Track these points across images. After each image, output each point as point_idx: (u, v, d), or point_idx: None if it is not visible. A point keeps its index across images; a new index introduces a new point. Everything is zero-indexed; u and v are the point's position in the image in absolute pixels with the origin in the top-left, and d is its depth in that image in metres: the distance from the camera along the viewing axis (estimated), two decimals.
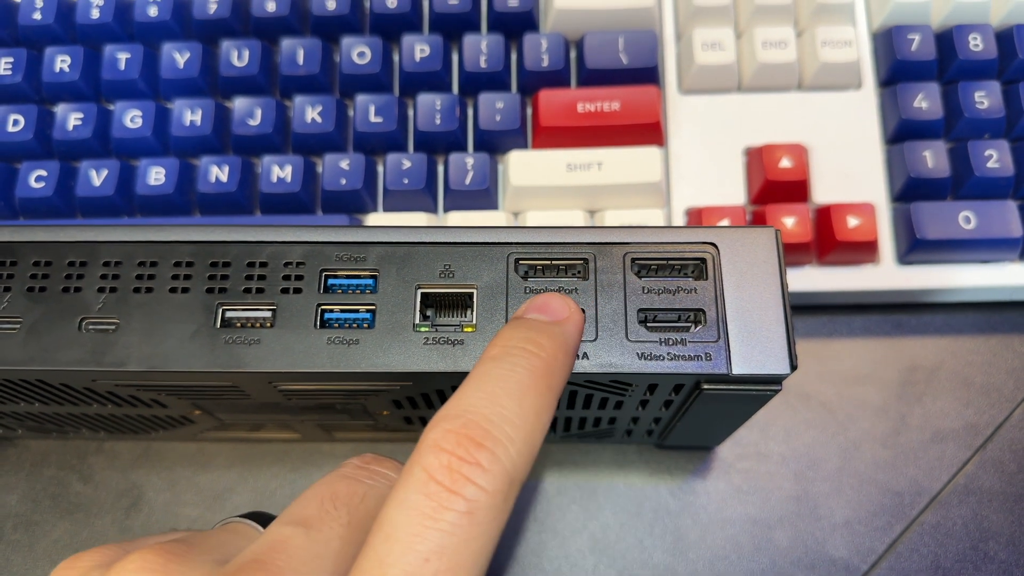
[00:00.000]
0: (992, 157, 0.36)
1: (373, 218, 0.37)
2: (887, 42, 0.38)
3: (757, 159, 0.37)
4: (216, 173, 0.37)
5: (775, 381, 0.23)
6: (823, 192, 0.37)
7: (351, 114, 0.39)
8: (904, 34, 0.38)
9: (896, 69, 0.38)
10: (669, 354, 0.23)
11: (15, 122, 0.38)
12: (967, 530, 0.35)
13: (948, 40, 0.38)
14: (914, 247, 0.36)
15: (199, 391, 0.26)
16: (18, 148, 0.38)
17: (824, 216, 0.36)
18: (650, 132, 0.37)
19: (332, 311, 0.24)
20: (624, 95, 0.37)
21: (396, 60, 0.39)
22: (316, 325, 0.23)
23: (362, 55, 0.38)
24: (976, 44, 0.38)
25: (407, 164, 0.37)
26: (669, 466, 0.37)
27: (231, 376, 0.24)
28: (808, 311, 0.39)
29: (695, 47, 0.38)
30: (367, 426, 0.33)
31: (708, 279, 0.24)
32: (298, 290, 0.24)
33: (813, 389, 0.38)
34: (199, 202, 0.37)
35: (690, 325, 0.23)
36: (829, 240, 0.36)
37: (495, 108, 0.38)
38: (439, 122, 0.38)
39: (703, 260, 0.24)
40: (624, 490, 0.36)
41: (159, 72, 0.39)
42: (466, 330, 0.23)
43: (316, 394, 0.26)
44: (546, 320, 0.21)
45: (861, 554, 0.35)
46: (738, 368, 0.23)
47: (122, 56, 0.39)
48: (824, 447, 0.37)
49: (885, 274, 0.37)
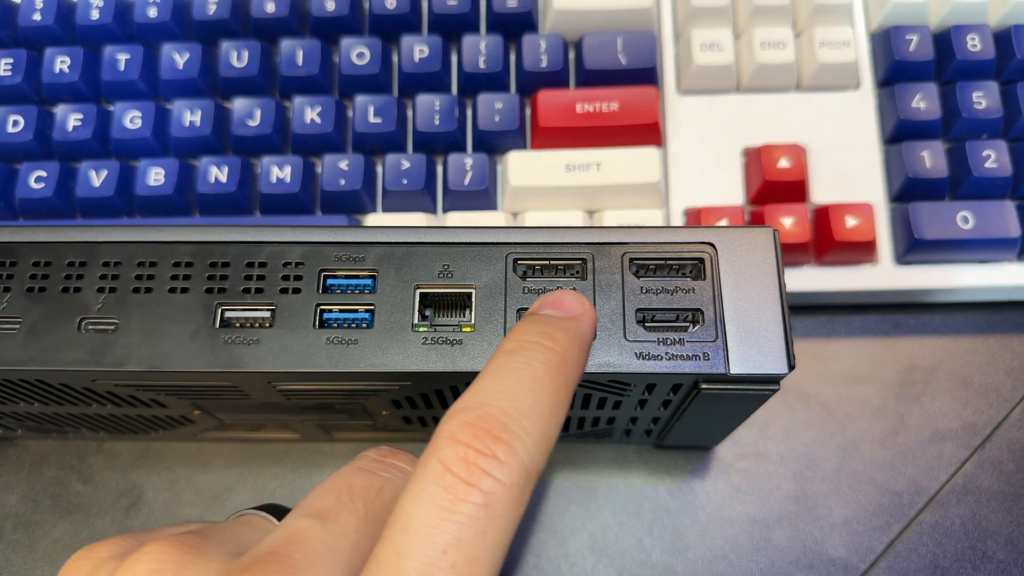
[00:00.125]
0: (990, 157, 0.36)
1: (372, 218, 0.37)
2: (885, 42, 0.38)
3: (755, 159, 0.37)
4: (215, 174, 0.37)
5: (773, 381, 0.23)
6: (821, 192, 0.37)
7: (350, 115, 0.39)
8: (902, 34, 0.38)
9: (894, 69, 0.38)
10: (667, 354, 0.23)
11: (15, 123, 0.38)
12: (965, 530, 0.35)
13: (946, 40, 0.38)
14: (912, 247, 0.36)
15: (198, 391, 0.26)
16: (18, 149, 0.38)
17: (822, 216, 0.36)
18: (649, 132, 0.38)
19: (331, 311, 0.24)
20: (623, 96, 0.38)
21: (395, 61, 0.39)
22: (315, 325, 0.24)
23: (361, 56, 0.38)
24: (974, 44, 0.38)
25: (406, 164, 0.37)
26: (668, 466, 0.37)
27: (230, 376, 0.24)
28: (807, 311, 0.39)
29: (693, 48, 0.38)
30: (366, 426, 0.33)
31: (706, 279, 0.24)
32: (297, 290, 0.24)
33: (812, 389, 0.38)
34: (199, 203, 0.37)
35: (688, 325, 0.23)
36: (827, 240, 0.36)
37: (494, 109, 0.38)
38: (438, 123, 0.38)
39: (701, 260, 0.24)
40: (623, 490, 0.36)
41: (159, 73, 0.39)
42: (465, 330, 0.23)
43: (315, 394, 0.26)
44: (560, 316, 0.21)
45: (860, 554, 0.35)
46: (736, 368, 0.23)
47: (122, 57, 0.39)
48: (823, 447, 0.37)
49: (883, 274, 0.37)
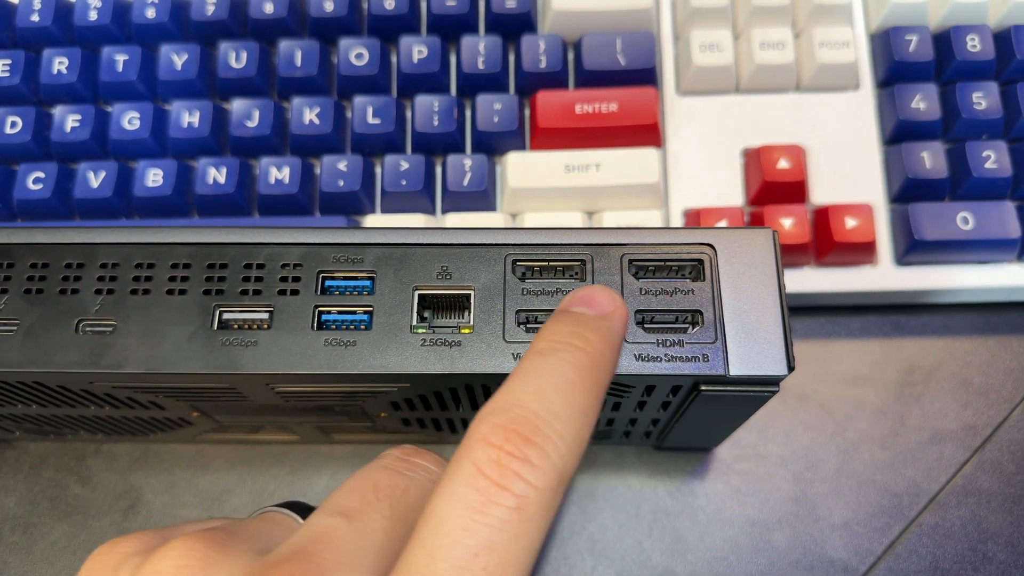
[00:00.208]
0: (990, 158, 0.36)
1: (371, 219, 0.37)
2: (885, 43, 0.38)
3: (755, 160, 0.37)
4: (214, 175, 0.37)
5: (772, 382, 0.23)
6: (821, 193, 0.37)
7: (349, 115, 0.39)
8: (902, 35, 0.38)
9: (894, 70, 0.38)
10: (667, 355, 0.23)
11: (13, 124, 0.38)
12: (966, 531, 0.35)
13: (946, 41, 0.38)
14: (912, 248, 0.36)
15: (196, 393, 0.26)
16: (16, 150, 0.38)
17: (822, 217, 0.36)
18: (648, 133, 0.37)
19: (329, 313, 0.24)
20: (622, 96, 0.37)
21: (394, 61, 0.39)
22: (313, 327, 0.23)
23: (360, 56, 0.38)
24: (974, 45, 0.38)
25: (405, 165, 0.37)
26: (667, 467, 0.37)
27: (228, 378, 0.24)
28: (806, 312, 0.39)
29: (693, 48, 0.38)
30: (365, 428, 0.33)
31: (705, 280, 0.24)
32: (295, 292, 0.24)
33: (811, 390, 0.38)
34: (197, 204, 0.37)
35: (687, 326, 0.23)
36: (827, 241, 0.36)
37: (493, 109, 0.38)
38: (437, 123, 0.38)
39: (700, 261, 0.24)
40: (623, 491, 0.36)
41: (157, 74, 0.39)
42: (463, 331, 0.23)
43: (314, 396, 0.26)
44: (592, 314, 0.21)
45: (860, 555, 0.35)
46: (735, 369, 0.23)
47: (120, 58, 0.39)
48: (823, 448, 0.37)
49: (883, 275, 0.37)
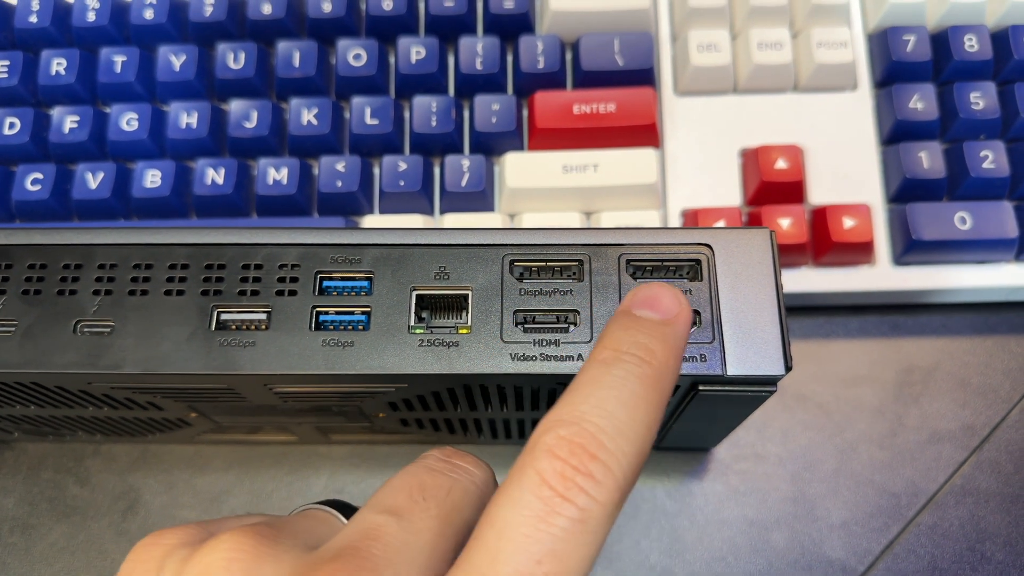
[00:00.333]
0: (988, 158, 0.36)
1: (369, 220, 0.37)
2: (882, 43, 0.38)
3: (753, 160, 0.37)
4: (212, 176, 0.37)
5: (770, 382, 0.23)
6: (819, 193, 0.37)
7: (347, 116, 0.39)
8: (899, 35, 0.38)
9: (892, 70, 0.38)
10: None
11: (11, 125, 0.38)
12: (964, 531, 0.35)
13: (943, 41, 0.38)
14: (910, 248, 0.36)
15: (194, 393, 0.26)
16: (14, 151, 0.38)
17: (820, 217, 0.36)
18: (646, 134, 0.37)
19: (327, 313, 0.24)
20: (620, 97, 0.37)
21: (392, 62, 0.39)
22: (311, 327, 0.23)
23: (358, 57, 0.38)
24: (971, 45, 0.38)
25: (403, 166, 0.37)
26: (666, 467, 0.37)
27: (226, 379, 0.24)
28: (804, 312, 0.39)
29: (691, 49, 0.38)
30: (364, 428, 0.33)
31: (703, 280, 0.24)
32: (293, 292, 0.24)
33: (810, 390, 0.38)
34: (195, 205, 0.37)
35: None
36: (825, 241, 0.36)
37: (491, 110, 0.38)
38: (435, 124, 0.38)
39: (698, 261, 0.24)
40: None
41: (155, 75, 0.39)
42: (461, 332, 0.23)
43: (312, 396, 0.26)
44: (656, 319, 0.20)
45: (858, 555, 0.35)
46: (733, 369, 0.23)
47: (118, 59, 0.39)
48: (821, 448, 0.37)
49: (881, 275, 0.37)
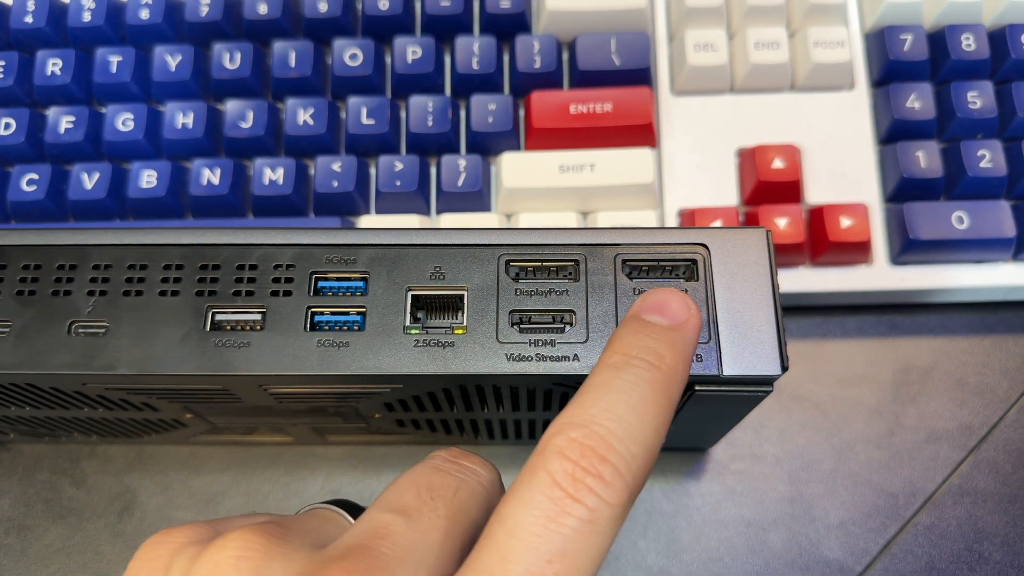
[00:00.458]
0: (985, 157, 0.36)
1: (366, 220, 0.37)
2: (879, 42, 0.38)
3: (750, 160, 0.37)
4: (208, 176, 0.37)
5: (766, 382, 0.23)
6: (816, 193, 0.37)
7: (343, 116, 0.38)
8: (896, 34, 0.38)
9: (889, 69, 0.38)
10: None
11: (6, 125, 0.38)
12: (961, 531, 0.35)
13: (941, 40, 0.38)
14: (907, 247, 0.36)
15: (189, 394, 0.26)
16: (9, 151, 0.38)
17: (817, 217, 0.36)
18: (643, 133, 0.37)
19: (322, 313, 0.24)
20: (616, 96, 0.37)
21: (388, 62, 0.39)
22: (306, 328, 0.23)
23: (354, 57, 0.38)
24: (969, 44, 0.38)
25: (399, 166, 0.37)
26: (663, 467, 0.37)
27: (221, 379, 0.23)
28: (801, 312, 0.39)
29: (687, 48, 0.38)
30: (360, 429, 0.33)
31: (699, 280, 0.24)
32: (288, 292, 0.24)
33: (807, 390, 0.38)
34: (191, 205, 0.37)
35: None
36: (822, 241, 0.36)
37: (487, 110, 0.38)
38: (431, 124, 0.37)
39: (694, 261, 0.24)
40: None
41: (151, 75, 0.39)
42: (457, 332, 0.23)
43: (307, 397, 0.26)
44: (665, 325, 0.20)
45: (855, 555, 0.35)
46: (729, 369, 0.23)
47: (114, 59, 0.38)
48: (818, 448, 0.37)
49: (878, 275, 0.37)
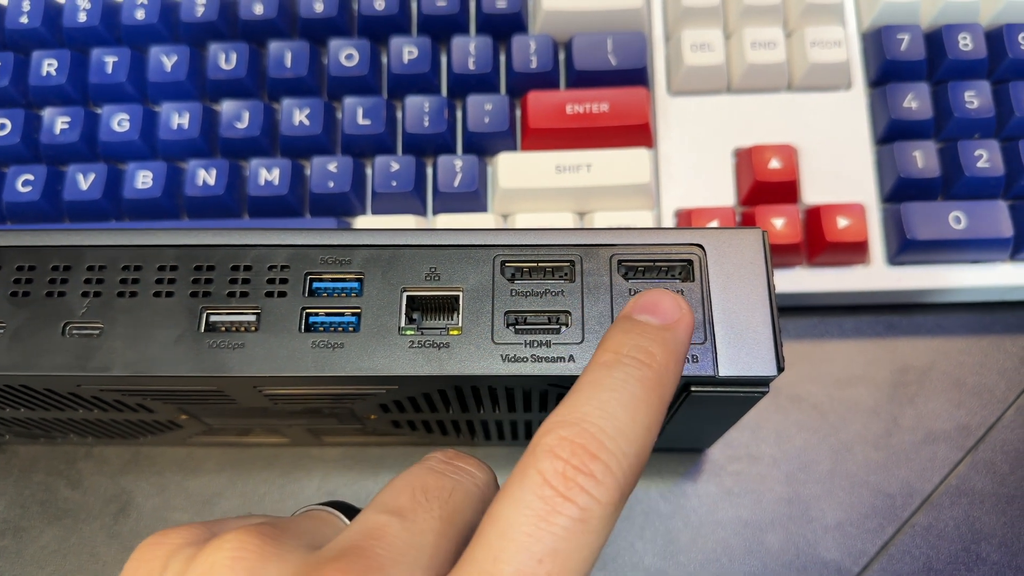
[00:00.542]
0: (982, 157, 0.36)
1: (362, 221, 0.37)
2: (876, 42, 0.38)
3: (746, 160, 0.37)
4: (204, 176, 0.37)
5: (762, 383, 0.23)
6: (813, 193, 0.37)
7: (339, 116, 0.38)
8: (893, 34, 0.38)
9: (886, 69, 0.38)
10: None
11: (2, 126, 0.38)
12: (959, 532, 0.35)
13: (938, 40, 0.38)
14: (904, 248, 0.36)
15: (184, 396, 0.26)
16: (5, 152, 0.38)
17: (814, 217, 0.36)
18: (639, 133, 0.37)
19: (317, 314, 0.24)
20: (613, 96, 0.37)
21: (384, 62, 0.39)
22: (301, 329, 0.23)
23: (350, 57, 0.38)
24: (966, 44, 0.38)
25: (395, 167, 0.37)
26: (659, 468, 0.36)
27: (215, 381, 0.23)
28: (798, 312, 0.39)
29: (684, 48, 0.38)
30: (356, 430, 0.33)
31: (695, 281, 0.24)
32: (283, 293, 0.24)
33: (804, 391, 0.38)
34: (187, 206, 0.37)
35: None
36: (819, 241, 0.36)
37: (484, 110, 0.38)
38: (427, 124, 0.37)
39: (690, 262, 0.24)
40: None
41: (146, 75, 0.39)
42: (452, 333, 0.23)
43: (302, 398, 0.26)
44: (656, 324, 0.20)
45: (853, 556, 0.35)
46: (724, 370, 0.23)
47: (109, 59, 0.38)
48: (815, 449, 0.37)
49: (876, 275, 0.37)
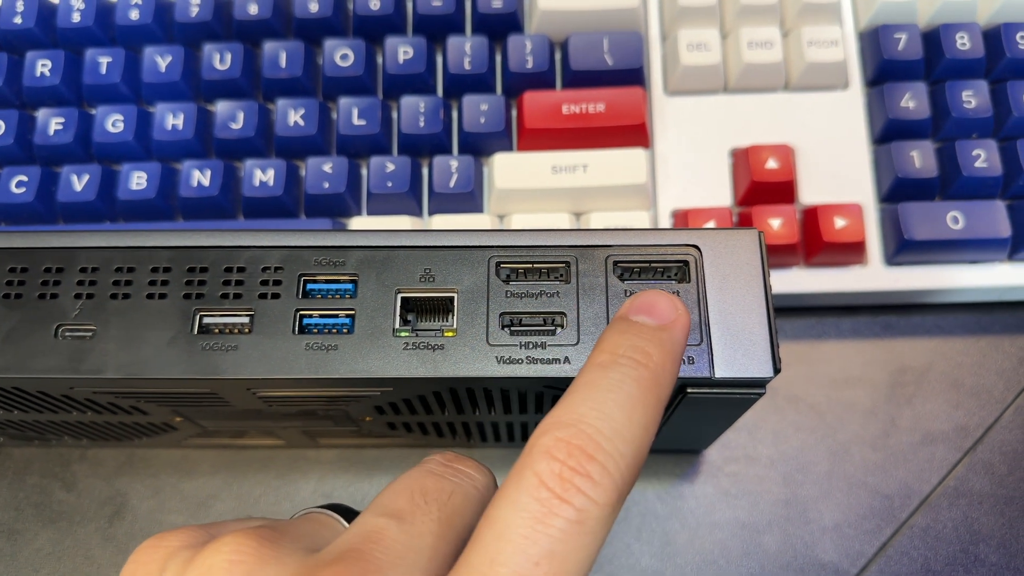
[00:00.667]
0: (980, 157, 0.36)
1: (357, 222, 0.37)
2: (874, 41, 0.38)
3: (743, 160, 0.37)
4: (198, 177, 0.37)
5: (758, 384, 0.23)
6: (810, 193, 0.37)
7: (334, 117, 0.38)
8: (891, 33, 0.38)
9: (883, 69, 0.38)
10: None
11: None
12: (957, 533, 0.35)
13: (935, 39, 0.38)
14: (902, 248, 0.36)
15: (178, 398, 0.26)
16: None
17: (811, 217, 0.36)
18: (635, 134, 0.37)
19: (311, 316, 0.23)
20: (609, 96, 0.37)
21: (379, 62, 0.39)
22: (294, 331, 0.23)
23: (345, 57, 0.38)
24: (963, 43, 0.38)
25: (391, 167, 0.37)
26: (656, 470, 0.36)
27: (208, 383, 0.23)
28: (796, 313, 0.39)
29: (680, 48, 0.38)
30: (351, 432, 0.32)
31: (691, 282, 0.23)
32: (276, 295, 0.24)
33: (802, 392, 0.38)
34: (181, 207, 0.37)
35: None
36: (816, 241, 0.36)
37: (479, 110, 0.37)
38: (423, 124, 0.37)
39: (685, 263, 0.24)
40: None
41: (141, 76, 0.38)
42: (447, 335, 0.23)
43: (296, 400, 0.26)
44: (652, 325, 0.20)
45: (851, 558, 0.35)
46: (721, 371, 0.22)
47: (103, 60, 0.38)
48: (813, 450, 0.37)
49: (873, 275, 0.36)
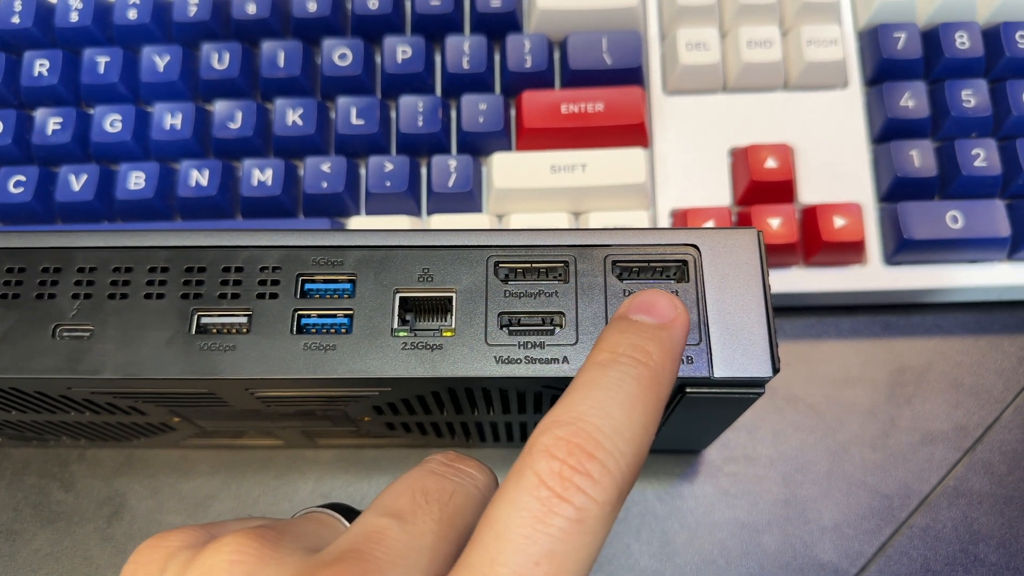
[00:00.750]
0: (979, 156, 0.36)
1: (355, 221, 0.37)
2: (873, 41, 0.38)
3: (742, 160, 0.37)
4: (196, 177, 0.37)
5: (757, 384, 0.23)
6: (809, 192, 0.37)
7: (333, 116, 0.38)
8: (890, 32, 0.38)
9: (882, 68, 0.38)
10: None
11: None
12: (957, 533, 0.35)
13: (934, 38, 0.38)
14: (901, 247, 0.36)
15: (176, 398, 0.26)
16: None
17: (810, 217, 0.36)
18: (634, 133, 0.37)
19: (309, 316, 0.23)
20: (608, 96, 0.37)
21: (378, 62, 0.39)
22: (293, 331, 0.23)
23: (343, 57, 0.38)
24: (962, 42, 0.38)
25: (389, 167, 0.37)
26: (656, 470, 0.36)
27: (206, 383, 0.23)
28: (795, 313, 0.39)
29: (679, 47, 0.38)
30: (350, 432, 0.32)
31: (690, 281, 0.23)
32: (274, 295, 0.24)
33: (801, 391, 0.38)
34: (179, 207, 0.37)
35: None
36: (815, 241, 0.36)
37: (478, 110, 0.37)
38: (422, 124, 0.37)
39: (684, 262, 0.24)
40: None
41: (139, 76, 0.38)
42: (445, 334, 0.23)
43: (294, 401, 0.26)
44: (652, 323, 0.20)
45: (850, 558, 0.35)
46: (720, 371, 0.22)
47: (102, 60, 0.38)
48: (812, 450, 0.37)
49: (872, 275, 0.36)
